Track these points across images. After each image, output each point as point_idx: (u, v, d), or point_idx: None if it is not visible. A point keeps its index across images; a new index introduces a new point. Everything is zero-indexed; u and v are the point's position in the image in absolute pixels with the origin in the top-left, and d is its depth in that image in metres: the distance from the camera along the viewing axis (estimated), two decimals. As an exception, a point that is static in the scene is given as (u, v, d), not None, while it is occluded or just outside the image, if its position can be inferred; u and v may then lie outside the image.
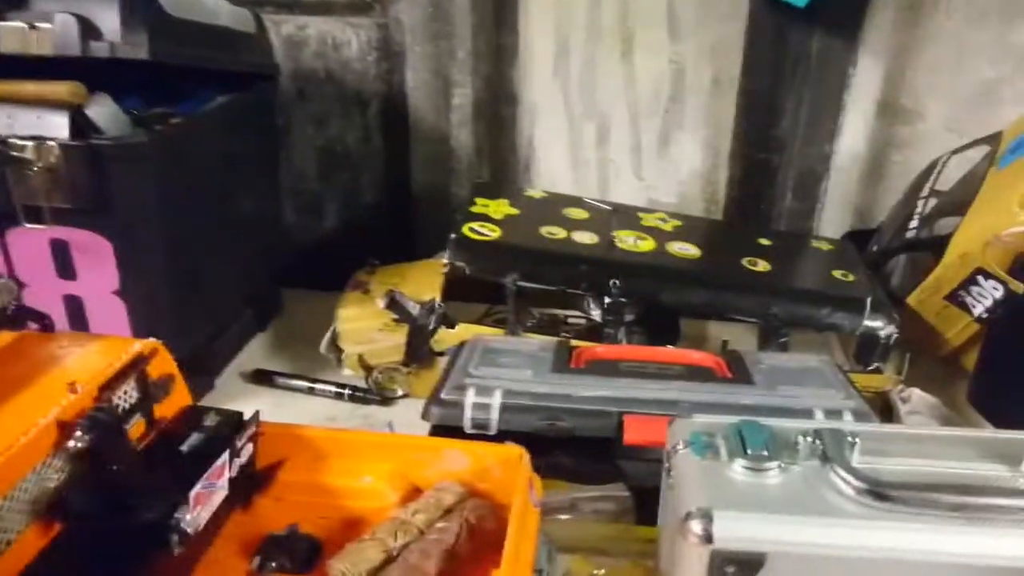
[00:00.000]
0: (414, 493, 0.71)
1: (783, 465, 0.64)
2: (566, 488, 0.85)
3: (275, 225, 1.39)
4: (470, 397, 0.85)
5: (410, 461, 0.72)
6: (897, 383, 1.08)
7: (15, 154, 0.93)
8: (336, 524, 0.69)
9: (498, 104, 1.42)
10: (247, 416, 0.70)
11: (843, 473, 0.62)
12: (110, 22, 0.94)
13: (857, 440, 0.65)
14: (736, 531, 0.59)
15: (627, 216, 1.28)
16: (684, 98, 1.40)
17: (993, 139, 1.25)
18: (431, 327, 1.10)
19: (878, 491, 0.61)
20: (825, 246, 1.33)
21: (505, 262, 1.11)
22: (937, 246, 1.18)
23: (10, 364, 0.62)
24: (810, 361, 0.99)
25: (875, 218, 1.42)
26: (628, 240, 1.19)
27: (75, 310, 1.02)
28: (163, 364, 0.68)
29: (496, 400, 0.85)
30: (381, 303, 1.10)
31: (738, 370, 0.95)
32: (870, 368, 1.09)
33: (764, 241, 1.28)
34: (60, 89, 0.94)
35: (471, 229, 1.15)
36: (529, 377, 0.89)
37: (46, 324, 0.68)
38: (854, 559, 0.59)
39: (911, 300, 1.20)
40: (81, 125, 0.95)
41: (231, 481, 0.67)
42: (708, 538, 0.59)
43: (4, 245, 0.99)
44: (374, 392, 1.15)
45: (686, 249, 1.20)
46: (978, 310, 1.14)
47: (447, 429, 0.85)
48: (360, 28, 1.38)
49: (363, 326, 1.13)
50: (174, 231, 1.03)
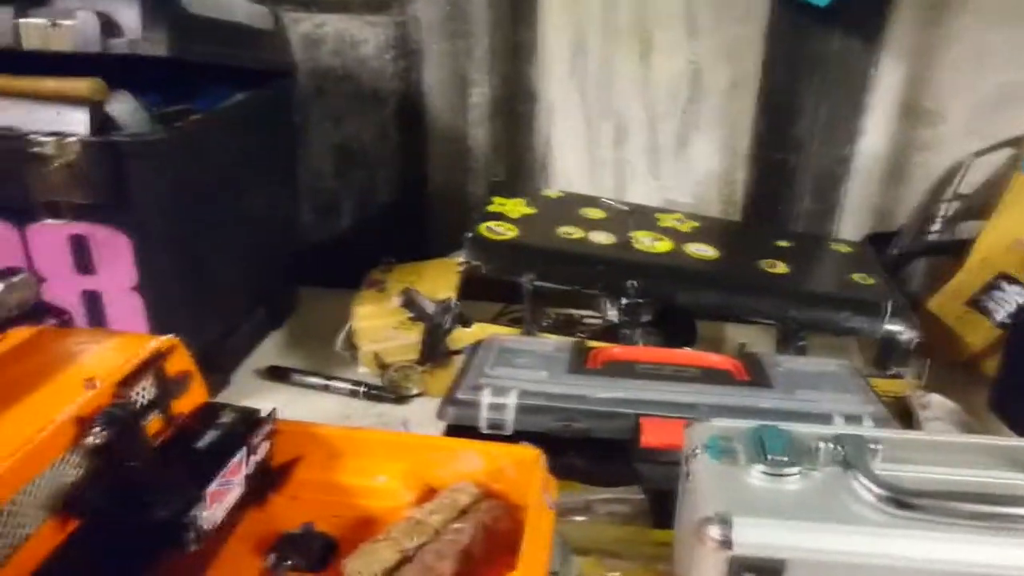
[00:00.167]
0: (429, 493, 0.71)
1: (803, 471, 0.63)
2: (580, 490, 0.85)
3: (291, 222, 1.39)
4: (486, 397, 0.85)
5: (425, 461, 0.72)
6: (917, 388, 1.06)
7: (36, 150, 0.93)
8: (351, 523, 0.69)
9: (515, 103, 1.41)
10: (263, 413, 0.70)
11: (864, 480, 0.61)
12: (130, 19, 0.94)
13: (879, 447, 0.64)
14: (755, 537, 0.58)
15: (644, 217, 1.28)
16: (701, 98, 1.39)
17: (1017, 142, 1.24)
18: (447, 326, 1.10)
19: (900, 499, 0.60)
20: (844, 249, 1.31)
21: (521, 261, 1.10)
22: (958, 250, 1.17)
23: (29, 359, 0.63)
24: (829, 365, 0.97)
25: (895, 221, 1.40)
26: (645, 241, 1.18)
27: (93, 305, 1.02)
28: (181, 360, 0.68)
29: (512, 400, 0.84)
30: (397, 301, 1.11)
31: (756, 373, 0.94)
32: (890, 373, 1.08)
33: (782, 243, 1.27)
34: (81, 86, 0.94)
35: (488, 228, 1.14)
36: (545, 378, 0.89)
37: (65, 320, 0.68)
38: (874, 567, 0.58)
39: (931, 304, 1.18)
40: (101, 121, 0.95)
41: (247, 478, 0.67)
42: (727, 543, 0.58)
43: (24, 240, 0.99)
44: (389, 390, 1.15)
45: (703, 250, 1.19)
46: (1000, 315, 1.13)
47: (462, 429, 0.85)
48: (378, 26, 1.37)
49: (379, 324, 1.13)
50: (192, 227, 1.03)
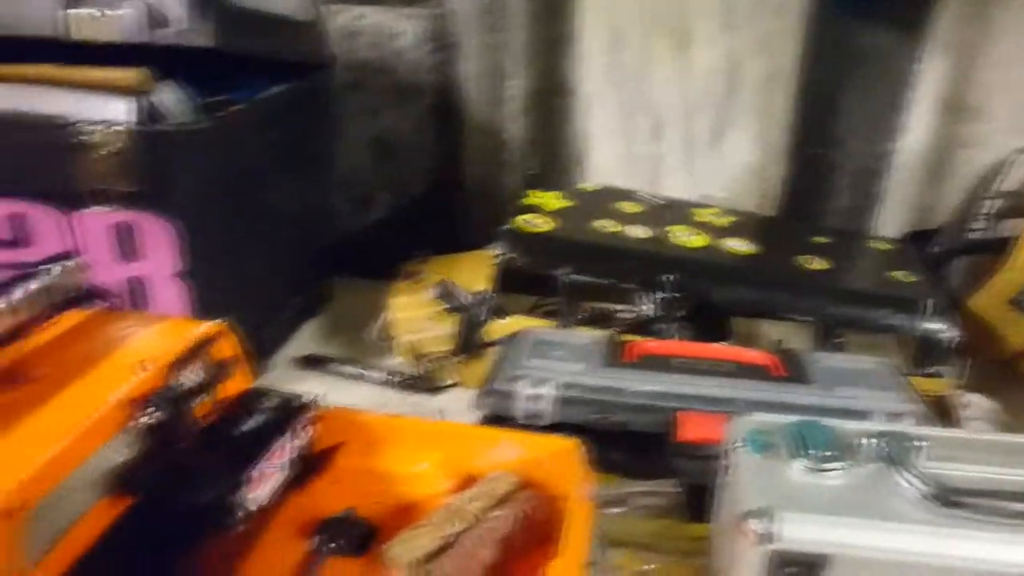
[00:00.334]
0: (467, 481, 0.71)
1: (846, 467, 0.63)
2: (615, 482, 0.85)
3: (326, 213, 1.41)
4: (523, 388, 0.85)
5: (465, 450, 0.72)
6: (956, 388, 1.05)
7: (83, 139, 0.95)
8: (391, 509, 0.70)
9: (551, 96, 1.41)
10: (306, 400, 0.71)
11: (909, 477, 0.61)
12: (176, 9, 0.95)
13: (923, 444, 0.63)
14: (798, 531, 0.58)
15: (680, 211, 1.27)
16: (738, 92, 1.38)
17: (1064, 139, 1.21)
18: (482, 317, 1.10)
19: (945, 496, 0.59)
20: (884, 246, 1.30)
21: (557, 254, 1.10)
22: (1001, 248, 1.15)
23: (82, 342, 0.64)
24: (868, 362, 0.96)
25: (936, 218, 1.38)
26: (681, 235, 1.17)
27: (136, 292, 1.04)
28: (228, 346, 0.69)
29: (549, 392, 0.85)
30: (433, 292, 1.11)
31: (794, 369, 0.93)
32: (929, 372, 1.06)
33: (820, 239, 1.25)
34: (129, 76, 0.96)
35: (524, 221, 1.15)
36: (582, 370, 0.89)
37: (115, 303, 0.70)
38: (919, 565, 0.58)
39: (972, 303, 1.16)
40: (147, 111, 0.97)
41: (289, 463, 0.68)
42: (768, 537, 0.58)
43: (70, 227, 1.01)
44: (424, 381, 1.16)
45: (740, 245, 1.18)
46: (1044, 315, 1.11)
47: (498, 419, 0.85)
48: (415, 19, 1.38)
49: (415, 315, 1.14)
50: (233, 216, 1.05)
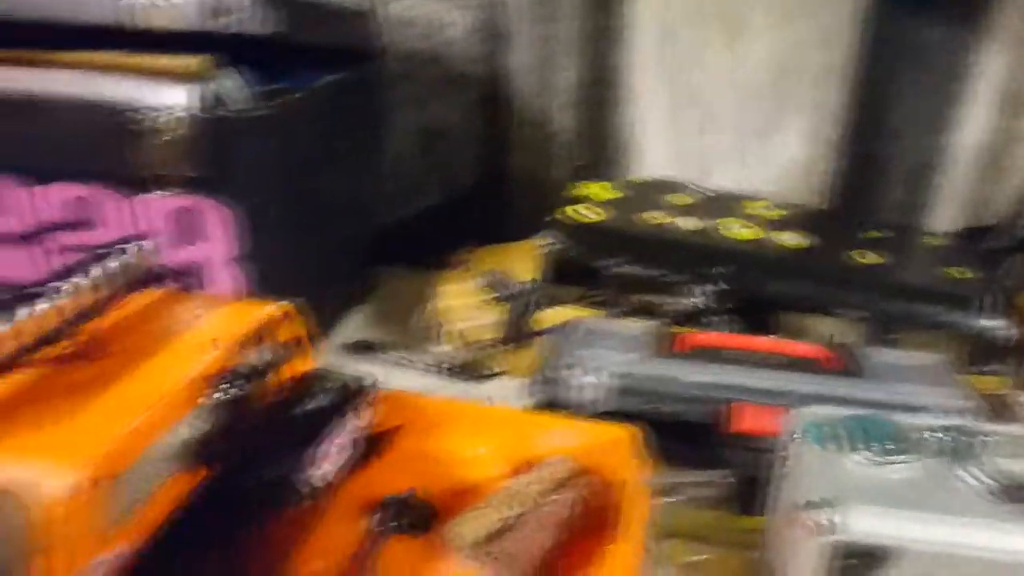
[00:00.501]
0: (524, 466, 0.72)
1: (908, 460, 0.62)
2: (666, 471, 0.85)
3: (375, 202, 1.42)
4: (576, 377, 0.86)
5: (522, 435, 0.73)
6: (1012, 386, 1.03)
7: (147, 124, 0.98)
8: (449, 491, 0.70)
9: (601, 88, 1.41)
10: (366, 382, 0.72)
11: (974, 472, 0.61)
12: (236, -2, 0.97)
13: (988, 439, 0.63)
14: (861, 523, 0.58)
15: (731, 203, 1.26)
16: (790, 85, 1.37)
17: None
18: (530, 307, 1.11)
19: (1011, 492, 0.59)
20: (939, 241, 1.28)
21: (606, 245, 1.10)
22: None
23: (155, 320, 0.66)
24: (923, 358, 0.95)
25: (992, 214, 1.35)
26: (732, 228, 1.17)
27: (193, 276, 1.07)
28: (293, 327, 0.70)
29: (602, 380, 0.85)
30: (482, 281, 1.12)
31: (847, 363, 0.92)
32: (984, 370, 1.04)
33: (874, 234, 1.23)
34: (191, 63, 0.98)
35: (574, 211, 1.15)
36: (634, 360, 0.89)
37: (185, 284, 0.72)
38: (983, 560, 0.57)
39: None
40: (209, 98, 0.99)
41: (350, 443, 0.69)
42: (830, 529, 0.58)
43: (132, 211, 1.04)
44: (471, 368, 1.17)
45: (792, 239, 1.17)
46: (1102, 314, 1.08)
47: (550, 407, 0.86)
48: (466, 9, 1.39)
49: (463, 303, 1.15)
50: (288, 203, 1.07)
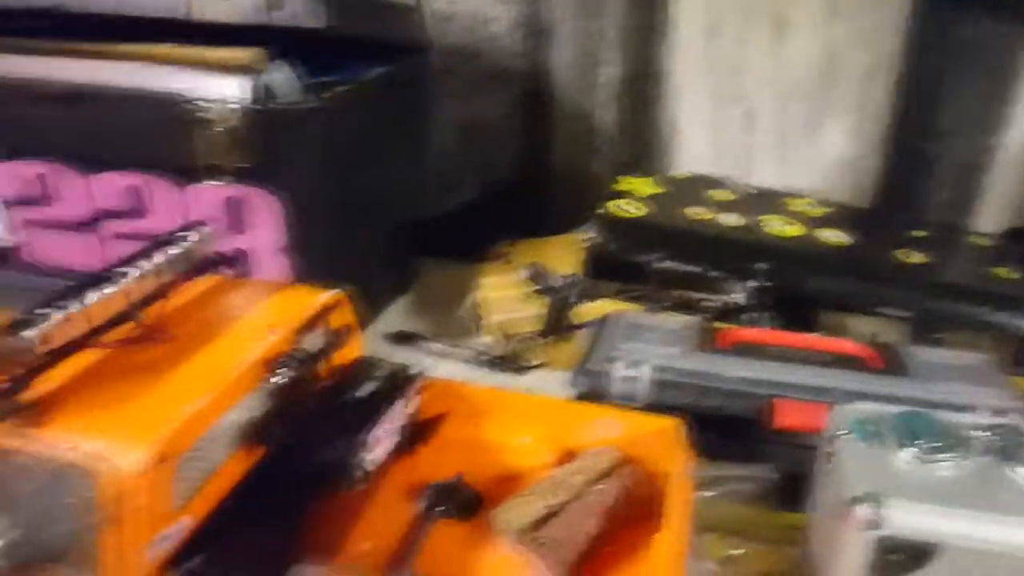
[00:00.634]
0: (569, 456, 0.72)
1: (956, 458, 0.62)
2: (705, 465, 0.85)
3: (417, 194, 1.43)
4: (618, 369, 0.86)
5: (567, 424, 0.74)
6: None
7: (201, 115, 1.00)
8: (494, 478, 0.71)
9: (643, 84, 1.41)
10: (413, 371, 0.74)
11: (1022, 471, 0.60)
12: (291, -7, 0.99)
13: (1038, 439, 0.63)
14: (907, 519, 0.58)
15: (774, 200, 1.26)
16: (836, 83, 1.36)
17: None
18: (571, 300, 1.12)
19: (1062, 493, 0.59)
20: (986, 241, 1.26)
21: (649, 240, 1.11)
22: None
23: (215, 305, 0.68)
24: (969, 358, 0.94)
25: (1041, 215, 1.33)
26: (775, 224, 1.16)
27: (242, 264, 1.09)
28: (344, 314, 0.72)
29: (644, 373, 0.86)
30: (523, 274, 1.13)
31: (891, 362, 0.92)
32: (1031, 372, 1.03)
33: (919, 233, 1.22)
34: (245, 55, 1.00)
35: (616, 206, 1.16)
36: (675, 354, 0.90)
37: (240, 271, 0.74)
38: (1030, 560, 0.57)
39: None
40: (260, 90, 1.01)
41: (399, 429, 0.71)
42: (875, 523, 0.58)
43: (184, 200, 1.07)
44: (511, 360, 1.18)
45: (835, 236, 1.16)
46: None
47: (592, 399, 0.87)
48: (510, 4, 1.39)
49: (504, 296, 1.16)
50: (335, 194, 1.09)
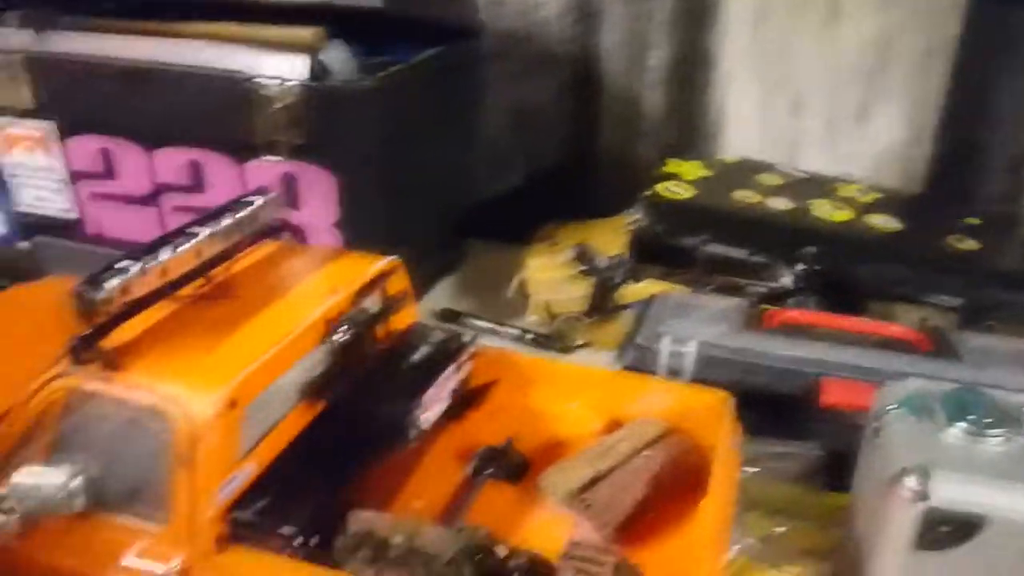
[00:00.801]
0: (616, 425, 0.74)
1: (1007, 435, 0.62)
2: (751, 442, 0.86)
3: (467, 175, 1.46)
4: (666, 345, 0.87)
5: (616, 394, 0.76)
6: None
7: (260, 93, 1.03)
8: (543, 445, 0.73)
9: (692, 68, 1.41)
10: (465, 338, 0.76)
11: (1075, 448, 0.60)
12: (348, -27, 1.02)
13: (1092, 418, 0.62)
14: (955, 492, 0.59)
15: (823, 185, 1.25)
16: (889, 68, 1.34)
17: None
18: (617, 280, 1.13)
19: (1116, 470, 0.58)
20: (1039, 230, 1.24)
21: (696, 222, 1.11)
22: None
23: (278, 267, 0.71)
24: (1020, 344, 0.93)
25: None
26: (823, 209, 1.16)
27: (296, 239, 1.12)
28: (400, 281, 0.74)
29: (692, 349, 0.86)
30: (570, 254, 1.14)
31: (941, 346, 0.91)
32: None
33: (971, 220, 1.20)
34: (304, 34, 1.03)
35: (664, 188, 1.16)
36: (723, 332, 0.90)
37: (300, 237, 0.77)
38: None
39: None
40: (317, 68, 1.04)
41: (451, 393, 0.73)
42: (923, 495, 0.59)
43: (241, 176, 1.10)
44: (556, 339, 1.19)
45: (885, 222, 1.15)
46: None
47: (638, 373, 0.88)
48: (560, -11, 1.40)
49: (551, 276, 1.18)
50: (388, 172, 1.11)
